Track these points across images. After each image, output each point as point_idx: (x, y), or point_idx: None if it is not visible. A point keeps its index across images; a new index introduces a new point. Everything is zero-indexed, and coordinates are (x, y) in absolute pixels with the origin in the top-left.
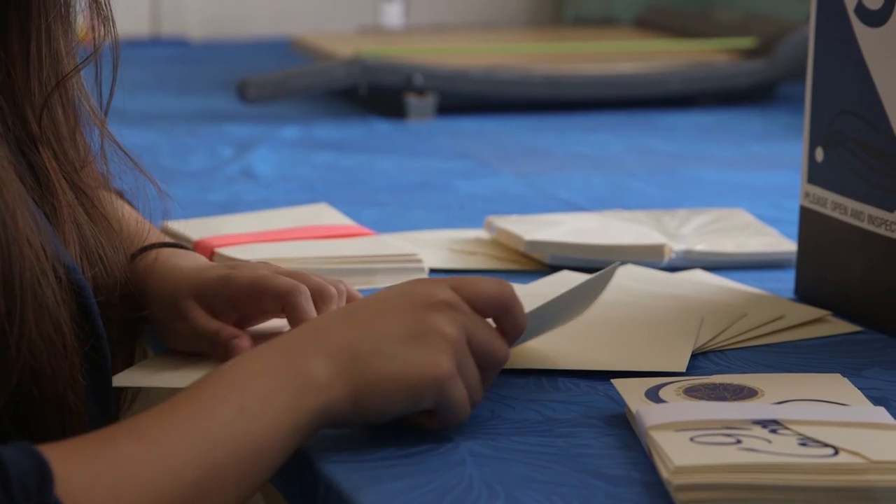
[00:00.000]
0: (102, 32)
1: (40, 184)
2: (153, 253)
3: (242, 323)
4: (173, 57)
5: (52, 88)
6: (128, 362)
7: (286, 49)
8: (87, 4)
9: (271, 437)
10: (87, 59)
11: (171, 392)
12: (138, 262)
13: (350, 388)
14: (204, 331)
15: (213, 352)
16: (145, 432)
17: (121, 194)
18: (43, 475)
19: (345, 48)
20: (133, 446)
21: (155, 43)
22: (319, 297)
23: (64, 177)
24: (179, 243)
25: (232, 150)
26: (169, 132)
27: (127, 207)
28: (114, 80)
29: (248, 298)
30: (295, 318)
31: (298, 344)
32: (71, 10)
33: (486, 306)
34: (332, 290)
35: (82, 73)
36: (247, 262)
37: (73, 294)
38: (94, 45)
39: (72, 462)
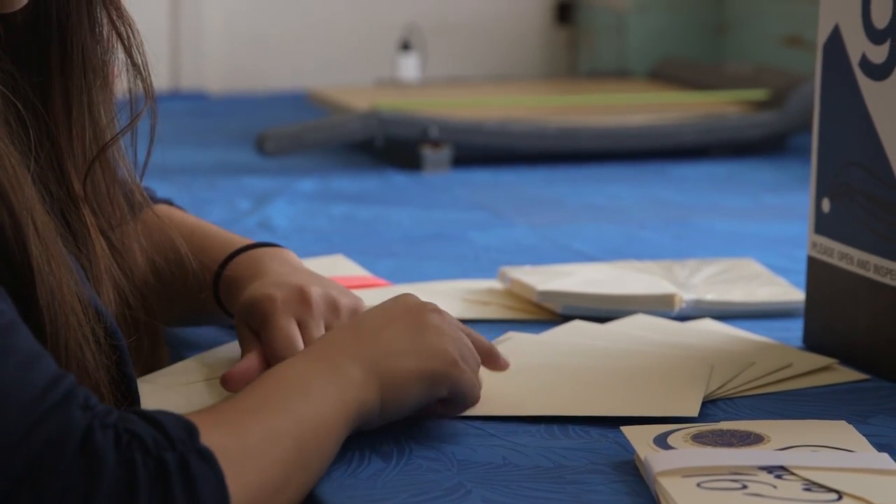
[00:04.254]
0: (139, 91)
1: (78, 243)
2: (246, 257)
3: None
4: (192, 110)
5: (95, 154)
6: None
7: (303, 102)
8: (126, 68)
9: (333, 421)
10: (126, 126)
11: None
12: (233, 265)
13: (377, 387)
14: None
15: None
16: (252, 407)
17: (170, 202)
18: (190, 429)
19: (361, 101)
20: (247, 417)
21: (174, 97)
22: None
23: (102, 234)
24: (269, 242)
25: (250, 203)
26: (188, 185)
27: (191, 217)
28: (151, 141)
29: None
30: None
31: (330, 352)
32: (111, 74)
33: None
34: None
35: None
36: (305, 277)
37: (111, 356)
38: (131, 106)
39: (204, 424)
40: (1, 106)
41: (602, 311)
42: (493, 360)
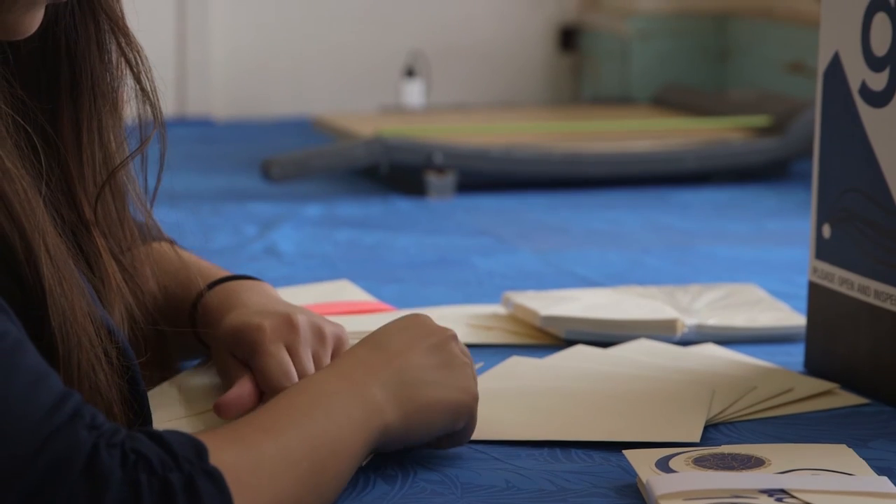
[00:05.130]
0: (147, 116)
1: (91, 266)
2: (223, 288)
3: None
4: (198, 136)
5: (105, 179)
6: None
7: (308, 128)
8: (135, 94)
9: (352, 443)
10: (135, 151)
11: None
12: (211, 296)
13: (402, 412)
14: (226, 378)
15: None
16: (268, 426)
17: (173, 242)
18: (199, 448)
19: (366, 127)
20: (262, 436)
21: (181, 123)
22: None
23: (113, 257)
24: (246, 275)
25: (256, 228)
26: (194, 211)
27: (186, 252)
28: (160, 167)
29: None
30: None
31: (355, 372)
32: (120, 100)
33: None
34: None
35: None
36: (287, 306)
37: (122, 375)
38: (140, 132)
39: (217, 443)
40: (12, 130)
41: (605, 335)
42: None
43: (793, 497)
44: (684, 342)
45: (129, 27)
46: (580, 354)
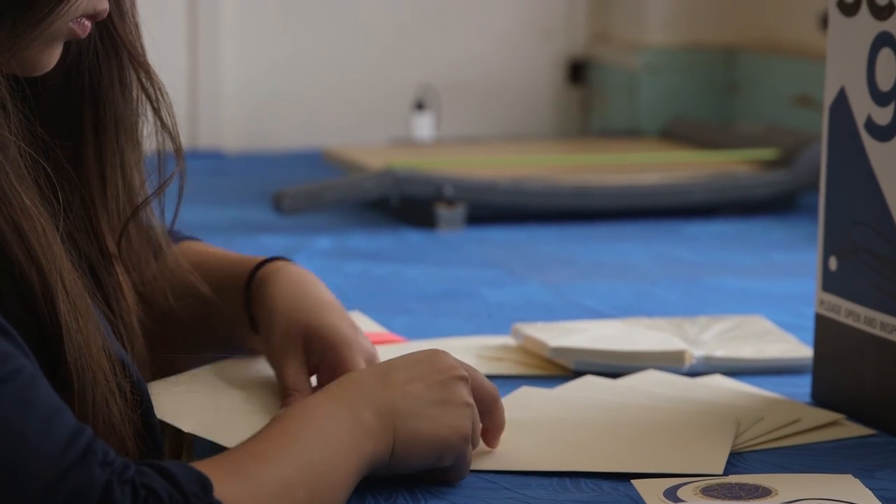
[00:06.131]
0: (166, 150)
1: (107, 298)
2: (268, 272)
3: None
4: (210, 169)
5: (130, 214)
6: None
7: (319, 161)
8: (156, 129)
9: (346, 471)
10: (159, 187)
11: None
12: (257, 279)
13: (391, 442)
14: (283, 382)
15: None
16: (265, 455)
17: (198, 239)
18: (204, 483)
19: (376, 160)
20: (260, 466)
21: (192, 155)
22: None
23: (133, 288)
24: (283, 257)
25: None
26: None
27: (214, 249)
28: (178, 200)
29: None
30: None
31: (351, 397)
32: (140, 135)
33: (481, 397)
34: None
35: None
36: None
37: (136, 408)
38: (159, 167)
39: (220, 477)
40: (31, 168)
41: (614, 367)
42: (491, 439)
43: None
44: (692, 373)
45: (150, 63)
46: (589, 385)
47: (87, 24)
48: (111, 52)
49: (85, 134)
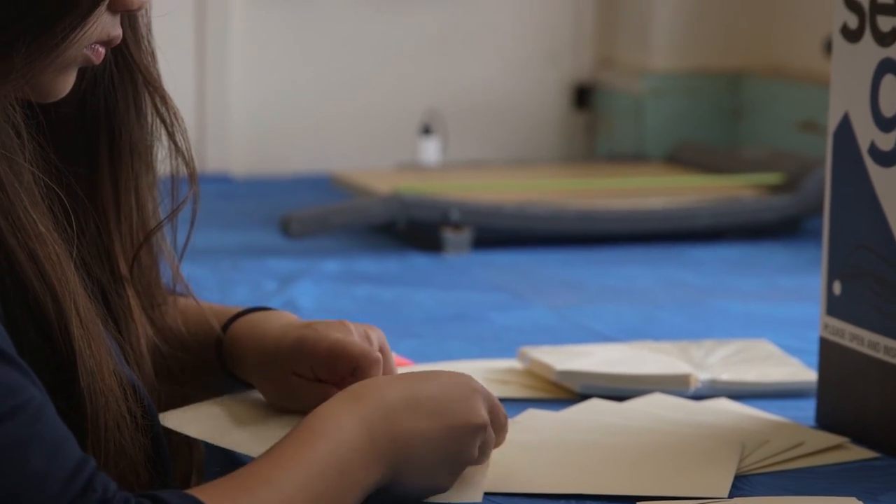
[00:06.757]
0: (179, 174)
1: (118, 323)
2: (244, 320)
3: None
4: (217, 193)
5: (143, 239)
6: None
7: (327, 185)
8: (170, 153)
9: (352, 492)
10: (172, 212)
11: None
12: (232, 329)
13: (390, 474)
14: (307, 397)
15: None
16: (270, 476)
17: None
18: None
19: (383, 184)
20: (264, 490)
21: (200, 179)
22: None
23: (144, 312)
24: (263, 306)
25: (275, 284)
26: (213, 266)
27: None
28: (191, 224)
29: (324, 362)
30: None
31: (369, 417)
32: (154, 160)
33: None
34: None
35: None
36: (323, 322)
37: (146, 433)
38: (172, 191)
39: (218, 500)
40: (45, 195)
41: (619, 390)
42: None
43: None
44: (697, 396)
45: (165, 88)
46: (595, 408)
47: (102, 50)
48: (126, 77)
49: (100, 159)
